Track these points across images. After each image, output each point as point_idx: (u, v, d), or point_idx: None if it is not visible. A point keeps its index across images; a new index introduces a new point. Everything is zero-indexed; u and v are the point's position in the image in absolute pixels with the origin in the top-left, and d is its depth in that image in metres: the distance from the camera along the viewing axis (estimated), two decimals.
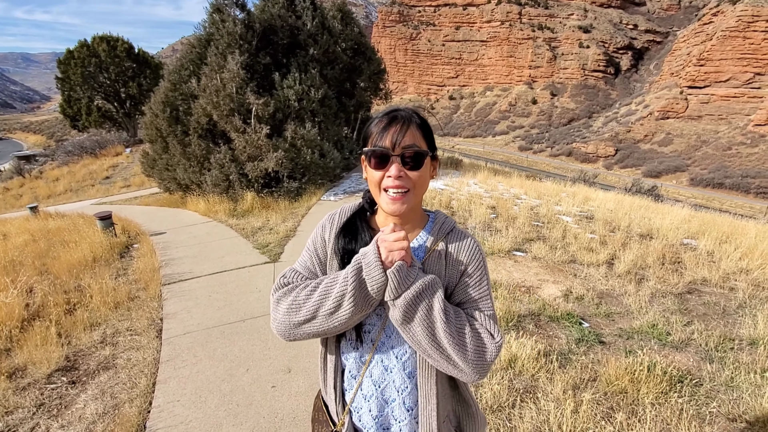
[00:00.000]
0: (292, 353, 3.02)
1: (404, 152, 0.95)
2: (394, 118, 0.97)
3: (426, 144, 0.99)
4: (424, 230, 1.08)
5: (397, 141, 0.94)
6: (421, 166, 0.97)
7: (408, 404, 1.04)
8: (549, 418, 2.21)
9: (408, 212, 0.99)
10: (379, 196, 0.99)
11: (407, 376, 1.03)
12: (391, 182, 0.95)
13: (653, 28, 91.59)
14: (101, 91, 26.27)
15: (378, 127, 0.97)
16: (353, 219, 1.09)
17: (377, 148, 0.95)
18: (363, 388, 1.06)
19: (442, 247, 1.04)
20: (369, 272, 0.91)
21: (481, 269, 1.03)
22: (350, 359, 1.07)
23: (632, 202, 8.80)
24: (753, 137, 53.29)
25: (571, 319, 3.30)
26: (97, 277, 4.50)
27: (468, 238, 1.06)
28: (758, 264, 4.61)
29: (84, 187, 18.48)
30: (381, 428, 1.07)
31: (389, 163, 0.95)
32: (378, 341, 1.03)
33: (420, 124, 0.99)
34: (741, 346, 2.97)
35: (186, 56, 9.82)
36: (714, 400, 2.40)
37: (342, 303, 0.93)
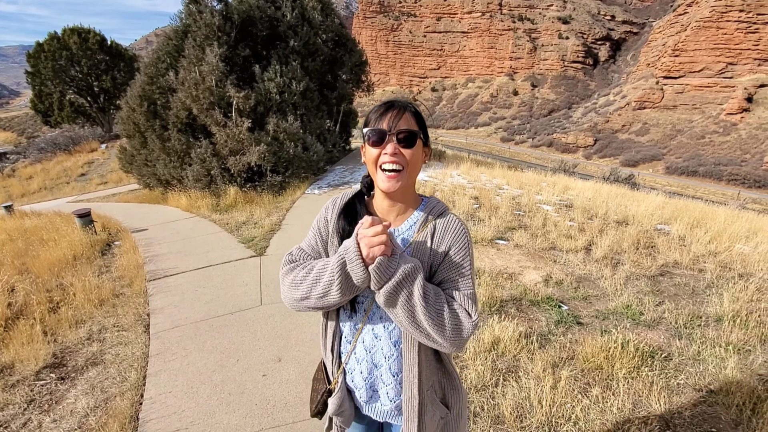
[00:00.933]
0: (282, 343, 3.07)
1: (399, 133, 1.05)
2: (392, 105, 1.08)
3: (419, 129, 1.09)
4: (417, 211, 1.16)
5: (393, 123, 1.05)
6: (414, 145, 1.06)
7: (393, 370, 1.14)
8: (530, 394, 2.33)
9: (401, 191, 1.09)
10: (375, 175, 1.08)
11: (393, 345, 1.13)
12: (387, 158, 1.04)
13: (630, 19, 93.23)
14: (73, 86, 25.36)
15: (377, 113, 1.08)
16: (353, 201, 1.18)
17: (375, 128, 1.06)
18: (356, 352, 1.17)
19: (430, 228, 1.11)
20: (352, 268, 0.99)
21: (464, 251, 1.10)
22: (346, 326, 1.18)
23: (610, 190, 9.06)
24: (725, 126, 55.09)
25: (550, 303, 3.44)
26: (80, 275, 4.44)
27: (456, 221, 1.13)
28: (726, 247, 4.85)
29: (59, 184, 17.93)
30: (370, 389, 1.18)
31: (386, 142, 1.05)
32: (369, 311, 1.13)
33: (414, 112, 1.10)
34: (708, 322, 3.16)
35: (163, 48, 9.59)
36: (682, 372, 2.56)
37: (330, 290, 1.03)
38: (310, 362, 2.82)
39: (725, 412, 2.21)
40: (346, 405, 1.21)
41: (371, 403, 1.20)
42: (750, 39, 58.33)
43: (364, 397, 1.19)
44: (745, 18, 58.46)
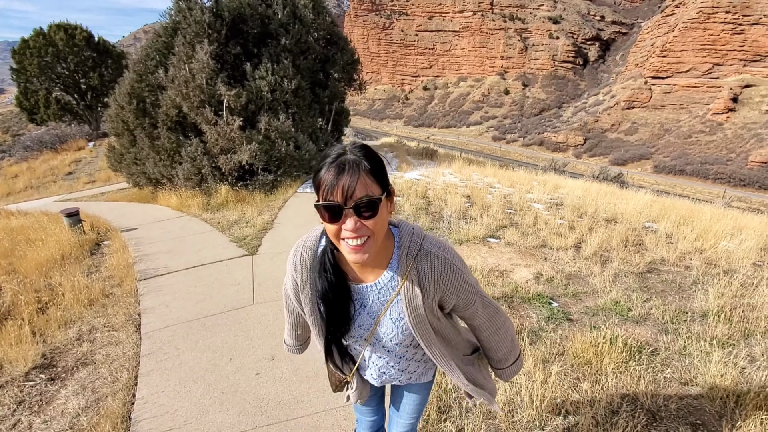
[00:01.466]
0: (275, 342, 3.07)
1: (358, 203, 0.91)
2: (342, 166, 0.92)
3: (379, 186, 0.95)
4: (389, 267, 1.07)
5: (348, 192, 0.90)
6: (376, 214, 0.94)
7: (403, 365, 1.31)
8: (521, 389, 2.36)
9: (372, 258, 0.99)
10: (339, 245, 0.97)
11: (399, 357, 1.28)
12: (349, 234, 0.93)
13: (619, 19, 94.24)
14: (60, 83, 24.89)
15: (328, 175, 0.92)
16: (322, 262, 1.09)
17: (329, 203, 0.92)
18: (365, 357, 1.30)
19: (413, 275, 1.05)
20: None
21: (459, 281, 1.07)
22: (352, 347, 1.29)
23: (599, 189, 9.18)
24: (711, 125, 56.02)
25: (541, 300, 3.49)
26: (68, 275, 4.38)
27: (443, 269, 1.06)
28: (711, 244, 4.96)
29: (45, 183, 17.63)
30: (382, 381, 1.36)
31: (344, 217, 0.92)
32: (370, 341, 1.20)
33: (370, 168, 0.94)
34: (693, 318, 3.23)
35: (152, 46, 9.48)
36: (669, 366, 2.62)
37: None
38: (303, 361, 2.82)
39: (710, 405, 2.27)
40: (366, 391, 1.39)
41: (384, 383, 1.39)
42: (736, 40, 59.35)
43: (377, 383, 1.37)
44: (731, 19, 59.46)
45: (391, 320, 1.12)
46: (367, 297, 1.11)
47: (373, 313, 1.13)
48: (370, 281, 1.10)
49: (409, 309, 1.07)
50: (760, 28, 57.99)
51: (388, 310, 1.10)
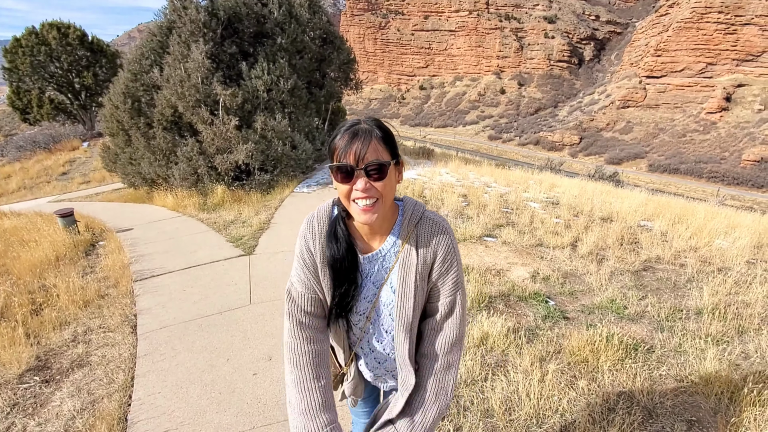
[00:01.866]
0: (273, 342, 3.06)
1: (368, 166, 0.98)
2: (356, 133, 1.00)
3: (389, 153, 1.03)
4: (392, 232, 1.13)
5: (360, 155, 0.98)
6: (385, 177, 1.00)
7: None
8: (518, 388, 2.37)
9: (380, 217, 1.05)
10: (350, 207, 1.04)
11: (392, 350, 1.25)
12: (359, 194, 0.99)
13: (614, 19, 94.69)
14: (53, 82, 24.66)
15: (342, 141, 1.01)
16: (335, 228, 1.13)
17: (342, 164, 0.99)
18: (362, 346, 1.28)
19: (413, 240, 1.10)
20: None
21: (449, 261, 1.12)
22: (351, 330, 1.27)
23: (595, 188, 9.23)
24: (705, 125, 56.46)
25: (538, 298, 3.50)
26: (63, 276, 4.35)
27: (436, 226, 1.12)
28: (705, 242, 4.99)
29: (39, 184, 17.48)
30: (375, 376, 1.34)
31: (355, 177, 0.99)
32: (370, 320, 1.20)
33: (381, 136, 1.02)
34: (688, 315, 3.26)
35: (146, 45, 9.42)
36: (664, 364, 2.64)
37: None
38: None
39: (705, 401, 2.29)
40: (360, 387, 1.38)
41: (377, 379, 1.37)
42: (729, 40, 59.83)
43: (372, 378, 1.37)
44: (723, 19, 59.93)
45: (390, 289, 1.14)
46: (372, 266, 1.15)
47: (377, 282, 1.16)
48: (375, 249, 1.15)
49: (401, 271, 1.11)
50: (753, 28, 58.51)
51: (389, 279, 1.14)
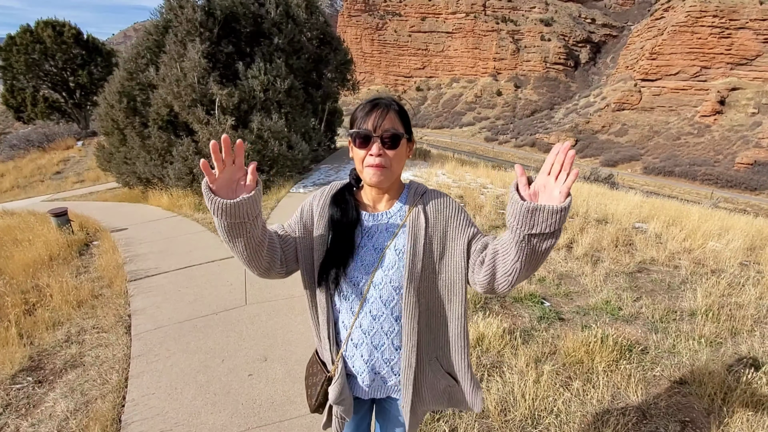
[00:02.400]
0: (268, 342, 3.05)
1: (383, 134, 1.08)
2: (376, 104, 1.11)
3: (403, 127, 1.13)
4: (399, 199, 1.21)
5: (377, 124, 1.08)
6: (398, 146, 1.10)
7: (396, 344, 1.19)
8: (513, 388, 2.38)
9: (387, 184, 1.14)
10: (362, 172, 1.13)
11: (395, 320, 1.17)
12: (372, 159, 1.08)
13: (610, 22, 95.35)
14: (48, 80, 24.48)
15: (362, 112, 1.11)
16: (342, 191, 1.23)
17: (361, 130, 1.09)
18: (353, 338, 1.19)
19: (420, 209, 1.17)
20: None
21: (462, 213, 1.18)
22: (342, 311, 1.20)
23: (590, 189, 9.27)
24: (699, 128, 56.93)
25: (533, 299, 3.52)
26: (56, 276, 4.32)
27: (439, 193, 1.21)
28: (699, 244, 5.03)
29: (33, 183, 17.36)
30: (372, 372, 1.21)
31: (371, 143, 1.09)
32: (366, 293, 1.15)
33: (398, 110, 1.13)
34: (682, 317, 3.28)
35: (142, 44, 9.38)
36: (658, 365, 2.65)
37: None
38: (296, 361, 2.81)
39: (698, 402, 2.31)
40: (346, 392, 1.22)
41: (374, 386, 1.23)
42: (723, 44, 60.41)
43: (367, 382, 1.21)
44: (718, 23, 60.50)
45: (395, 252, 1.15)
46: (376, 226, 1.18)
47: (378, 246, 1.17)
48: (381, 211, 1.21)
49: (411, 235, 1.14)
50: (747, 33, 59.12)
51: (393, 241, 1.16)
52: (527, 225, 0.89)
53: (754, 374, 2.47)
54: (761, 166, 46.49)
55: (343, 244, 1.16)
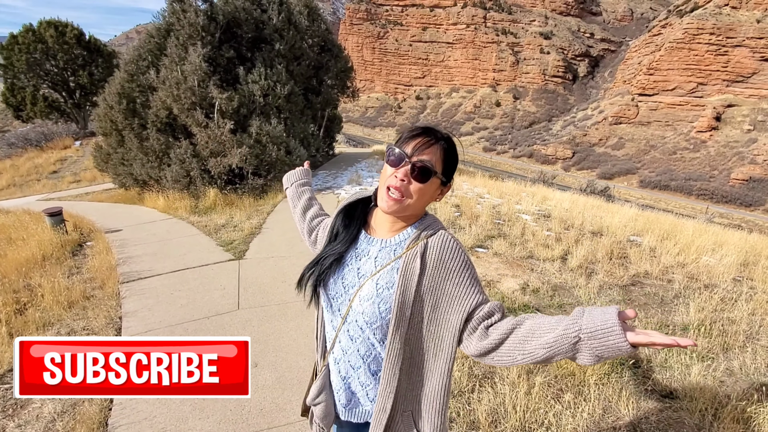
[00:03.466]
0: (259, 348, 3.03)
1: (416, 162, 1.00)
2: (427, 131, 1.04)
3: (443, 167, 1.05)
4: (411, 226, 1.11)
5: (416, 150, 1.01)
6: (425, 182, 1.02)
7: (373, 369, 1.13)
8: (504, 400, 2.37)
9: (400, 213, 1.06)
10: (381, 190, 1.07)
11: (371, 345, 1.11)
12: (394, 181, 1.02)
13: (608, 37, 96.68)
14: (48, 80, 24.50)
15: (410, 133, 1.05)
16: (356, 205, 1.21)
17: (398, 148, 1.03)
18: (334, 352, 1.18)
19: (420, 247, 1.06)
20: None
21: (467, 266, 1.05)
22: (327, 322, 1.21)
23: (586, 202, 9.33)
24: (695, 143, 57.54)
25: (527, 310, 3.51)
26: (49, 276, 4.28)
27: (449, 239, 1.08)
28: (693, 258, 5.05)
29: (29, 181, 17.26)
30: (348, 391, 1.17)
31: (401, 165, 1.02)
32: (346, 314, 1.11)
33: (446, 148, 1.05)
34: (675, 331, 3.28)
35: (144, 46, 9.42)
36: (650, 379, 2.65)
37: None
38: (287, 368, 2.79)
39: (689, 417, 2.30)
40: (328, 397, 1.19)
41: (350, 407, 1.18)
42: (719, 61, 61.31)
43: (343, 401, 1.17)
44: (715, 41, 61.46)
45: (375, 285, 1.07)
46: (366, 251, 1.13)
47: (362, 273, 1.11)
48: (380, 237, 1.15)
49: (401, 280, 1.04)
50: (743, 50, 60.06)
51: (378, 274, 1.08)
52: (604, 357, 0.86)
53: (745, 390, 2.47)
54: (756, 183, 46.95)
55: (329, 253, 1.15)
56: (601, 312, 0.86)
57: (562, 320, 0.92)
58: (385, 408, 1.08)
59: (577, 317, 0.89)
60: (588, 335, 0.85)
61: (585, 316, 0.88)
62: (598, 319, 0.85)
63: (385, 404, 1.08)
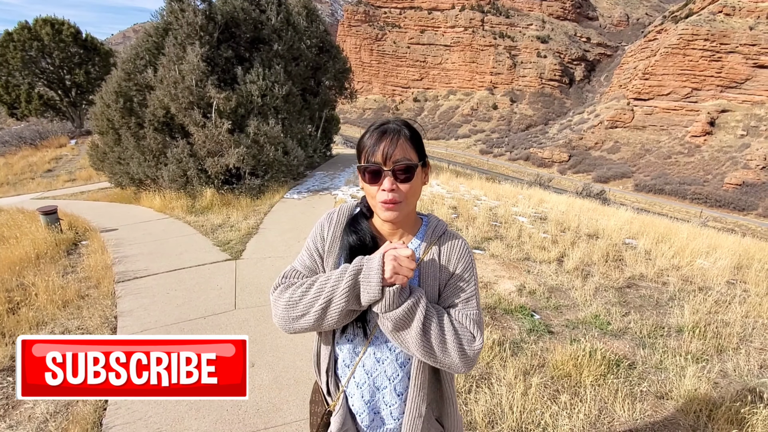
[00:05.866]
0: (256, 348, 3.02)
1: (395, 166, 0.99)
2: (385, 131, 1.02)
3: (416, 154, 1.04)
4: (417, 236, 1.13)
5: (388, 155, 0.99)
6: (412, 179, 1.02)
7: (399, 390, 1.13)
8: (501, 401, 2.37)
9: (401, 219, 1.06)
10: (375, 207, 1.05)
11: (399, 366, 1.11)
12: (384, 195, 1.00)
13: (604, 42, 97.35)
14: (44, 78, 24.33)
15: (370, 140, 1.02)
16: (357, 219, 1.15)
17: (370, 164, 1.00)
18: (356, 377, 1.13)
19: (435, 250, 1.09)
20: (367, 283, 0.95)
21: (468, 271, 1.10)
22: (344, 350, 1.13)
23: (582, 204, 9.38)
24: (690, 147, 57.98)
25: (523, 312, 3.53)
26: (43, 275, 4.25)
27: (459, 240, 1.12)
28: (687, 261, 5.10)
29: (23, 180, 17.11)
30: (372, 412, 1.15)
31: (382, 178, 1.00)
32: (372, 336, 1.09)
33: (410, 135, 1.04)
34: (670, 333, 3.31)
35: (141, 45, 9.38)
36: (645, 380, 2.67)
37: (332, 300, 0.98)
38: (283, 368, 2.79)
39: (684, 418, 2.32)
40: (349, 424, 1.16)
41: (373, 426, 1.17)
42: (713, 66, 61.88)
43: (366, 422, 1.16)
44: (709, 47, 62.04)
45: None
46: None
47: None
48: None
49: (424, 279, 1.08)
50: (737, 57, 60.65)
51: None
52: None
53: (739, 392, 2.49)
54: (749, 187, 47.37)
55: None
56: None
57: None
58: (421, 413, 1.10)
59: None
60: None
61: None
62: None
63: (420, 408, 1.10)
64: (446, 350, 0.99)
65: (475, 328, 1.03)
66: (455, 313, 1.05)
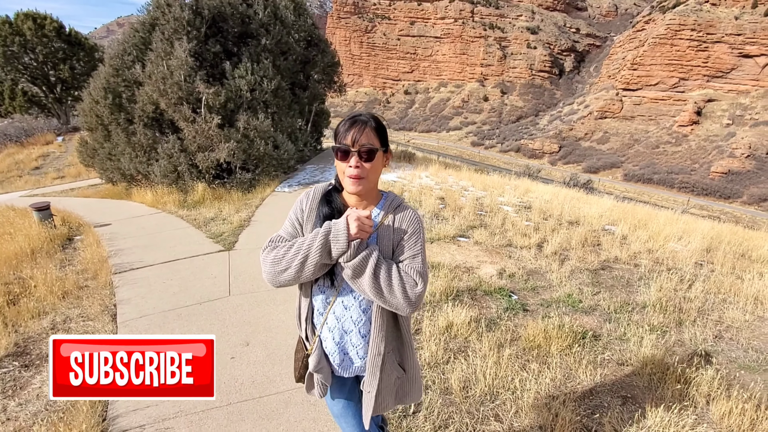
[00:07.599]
0: (250, 329, 3.21)
1: (360, 148, 1.28)
2: (355, 121, 1.31)
3: (379, 141, 1.32)
4: (377, 206, 1.41)
5: (355, 139, 1.28)
6: (373, 159, 1.30)
7: (363, 332, 1.42)
8: (476, 370, 2.60)
9: (365, 191, 1.34)
10: (343, 180, 1.33)
11: (362, 312, 1.40)
12: (351, 171, 1.28)
13: (594, 32, 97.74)
14: (27, 74, 23.94)
15: (343, 127, 1.31)
16: (330, 193, 1.43)
17: (341, 145, 1.30)
18: (328, 323, 1.42)
19: (390, 219, 1.37)
20: (336, 239, 1.23)
21: (416, 234, 1.37)
22: (318, 300, 1.42)
23: (567, 193, 9.64)
24: (677, 137, 58.80)
25: (502, 293, 3.76)
26: (40, 268, 4.38)
27: (410, 210, 1.40)
28: (660, 245, 5.37)
29: (10, 178, 16.98)
30: (341, 352, 1.45)
31: (350, 156, 1.29)
32: (340, 287, 1.38)
33: (375, 127, 1.32)
34: (635, 308, 3.56)
35: (129, 40, 9.39)
36: (608, 349, 2.91)
37: (308, 256, 1.26)
38: (277, 346, 2.98)
39: (639, 380, 2.57)
40: (323, 363, 1.44)
41: (343, 365, 1.45)
42: (700, 56, 62.58)
43: (337, 360, 1.44)
44: (696, 37, 62.67)
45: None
46: None
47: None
48: None
49: (380, 240, 1.35)
50: (722, 46, 61.38)
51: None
52: None
53: (689, 356, 2.75)
54: (734, 176, 48.31)
55: None
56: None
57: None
58: (380, 351, 1.38)
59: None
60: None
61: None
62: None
63: (379, 347, 1.37)
64: (393, 292, 1.25)
65: (418, 277, 1.29)
66: (403, 266, 1.32)
